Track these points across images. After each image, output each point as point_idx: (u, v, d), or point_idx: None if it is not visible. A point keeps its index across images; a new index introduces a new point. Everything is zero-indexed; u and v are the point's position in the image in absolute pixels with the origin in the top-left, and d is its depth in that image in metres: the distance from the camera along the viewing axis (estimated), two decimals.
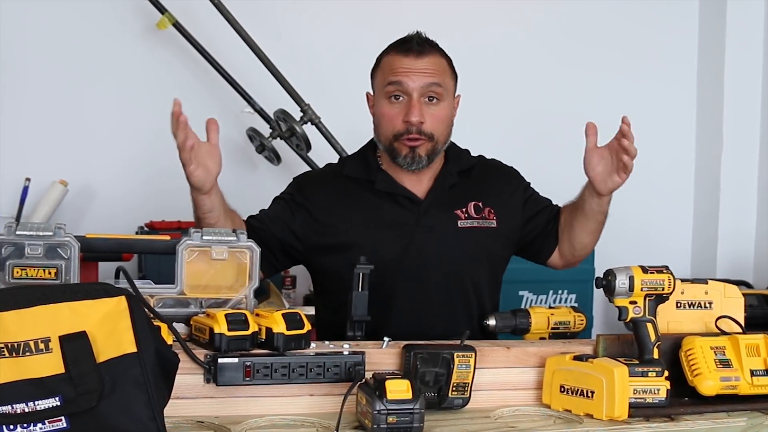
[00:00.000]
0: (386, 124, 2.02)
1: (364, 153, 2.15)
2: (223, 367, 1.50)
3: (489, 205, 2.09)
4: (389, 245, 2.00)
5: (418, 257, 2.01)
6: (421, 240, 2.02)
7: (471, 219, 2.07)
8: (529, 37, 3.67)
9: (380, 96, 2.04)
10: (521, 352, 1.71)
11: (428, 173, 2.08)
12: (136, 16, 3.19)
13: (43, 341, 1.22)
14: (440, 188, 2.08)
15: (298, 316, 1.57)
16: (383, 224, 2.03)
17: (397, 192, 2.06)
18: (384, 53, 2.07)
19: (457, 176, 2.10)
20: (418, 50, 2.00)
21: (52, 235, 1.56)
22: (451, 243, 2.04)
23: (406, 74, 1.99)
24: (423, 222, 2.04)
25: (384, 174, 2.08)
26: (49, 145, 3.14)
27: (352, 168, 2.13)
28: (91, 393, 1.21)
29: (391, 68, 2.01)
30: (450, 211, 2.06)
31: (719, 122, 3.76)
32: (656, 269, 1.67)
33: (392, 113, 2.00)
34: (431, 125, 2.00)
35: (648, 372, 1.62)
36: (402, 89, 1.99)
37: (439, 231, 2.04)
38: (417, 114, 1.97)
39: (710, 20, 3.81)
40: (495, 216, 2.09)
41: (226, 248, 1.67)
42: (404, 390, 1.42)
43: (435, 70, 2.01)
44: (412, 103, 1.98)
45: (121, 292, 1.29)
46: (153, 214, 3.06)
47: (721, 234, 3.74)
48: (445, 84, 2.03)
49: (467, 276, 2.06)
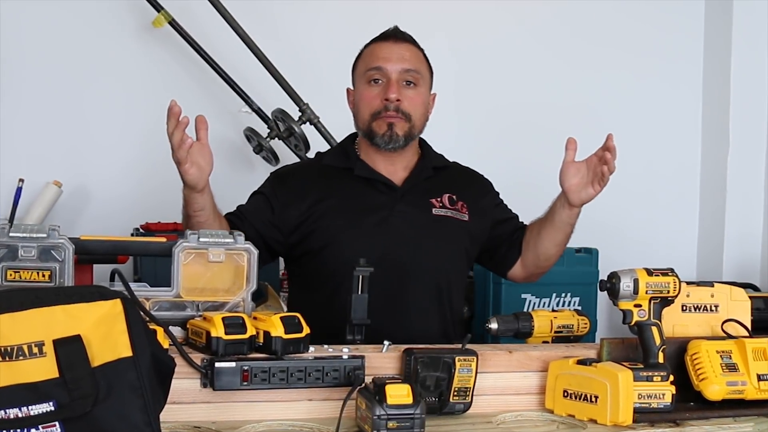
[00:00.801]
0: (365, 106, 2.14)
1: (342, 145, 2.29)
2: (220, 372, 1.50)
3: (462, 199, 2.20)
4: (367, 229, 2.09)
5: (394, 242, 2.09)
6: (397, 224, 2.11)
7: (445, 208, 2.17)
8: (532, 36, 3.67)
9: (361, 82, 2.17)
10: (524, 356, 1.71)
11: (403, 162, 2.19)
12: (131, 14, 3.19)
13: (36, 345, 1.22)
14: (416, 178, 2.19)
15: (296, 320, 1.57)
16: (362, 209, 2.12)
17: (375, 178, 2.16)
18: (365, 46, 2.21)
19: (432, 171, 2.21)
20: (396, 38, 2.16)
21: (45, 237, 1.56)
22: (425, 228, 2.13)
23: (385, 59, 2.12)
24: (399, 207, 2.13)
25: (362, 162, 2.18)
26: (43, 146, 3.13)
27: (331, 158, 2.25)
28: (85, 398, 1.21)
29: (371, 55, 2.16)
30: (425, 199, 2.16)
31: (725, 123, 3.76)
32: (661, 272, 1.67)
33: (371, 95, 2.12)
34: (409, 105, 2.11)
35: (653, 376, 1.62)
36: (381, 73, 2.12)
37: (414, 216, 2.13)
38: (395, 91, 2.09)
39: (716, 19, 3.80)
40: (467, 211, 2.19)
41: (223, 250, 1.67)
42: (405, 395, 1.42)
43: (412, 57, 2.15)
44: (390, 82, 2.10)
45: (117, 295, 1.29)
46: (149, 215, 3.06)
47: (728, 236, 3.74)
48: (422, 72, 2.15)
49: (440, 263, 2.13)
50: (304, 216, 2.11)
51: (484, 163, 2.45)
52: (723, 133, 3.77)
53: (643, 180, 3.82)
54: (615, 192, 3.71)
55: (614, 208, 3.76)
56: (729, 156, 3.75)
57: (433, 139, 2.33)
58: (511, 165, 3.42)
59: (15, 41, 3.10)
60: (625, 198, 3.77)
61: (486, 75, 3.56)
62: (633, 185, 3.80)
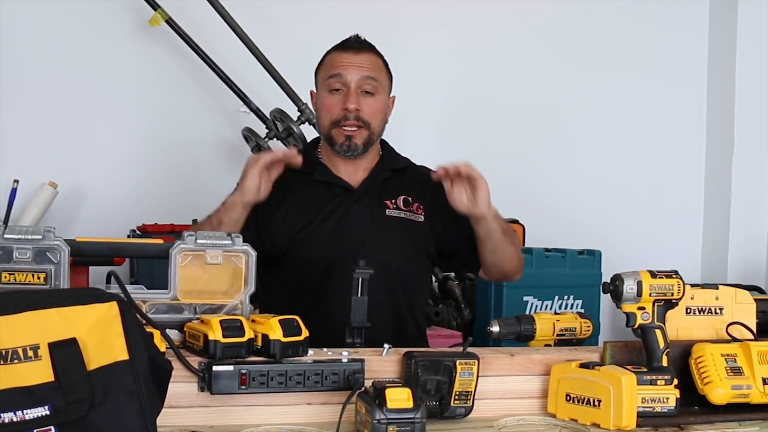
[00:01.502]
0: (325, 114, 2.23)
1: (305, 149, 2.38)
2: (218, 375, 1.50)
3: (418, 201, 2.26)
4: (324, 233, 2.17)
5: (348, 244, 2.16)
6: (352, 226, 2.19)
7: (399, 210, 2.25)
8: (534, 33, 3.67)
9: (322, 89, 2.25)
10: (526, 360, 1.71)
11: (363, 164, 2.27)
12: (127, 12, 3.19)
13: (31, 348, 1.22)
14: (373, 179, 2.26)
15: (295, 323, 1.57)
16: (319, 213, 2.19)
17: (333, 182, 2.24)
18: (326, 53, 2.29)
19: (390, 173, 2.29)
20: (356, 47, 2.24)
21: (41, 238, 1.56)
22: (378, 229, 2.20)
23: (345, 68, 2.20)
24: (354, 209, 2.21)
25: (322, 166, 2.27)
26: (38, 146, 3.14)
27: None
28: (81, 402, 1.21)
29: (332, 63, 2.24)
30: (380, 200, 2.24)
31: (730, 122, 3.76)
32: (665, 274, 1.67)
33: (332, 103, 2.21)
34: (367, 114, 2.20)
35: (657, 380, 1.62)
36: (341, 81, 2.20)
37: (367, 217, 2.21)
38: (354, 101, 2.18)
39: (721, 17, 3.81)
40: (423, 212, 2.25)
41: (221, 252, 1.67)
42: (405, 398, 1.42)
43: (371, 65, 2.22)
44: (350, 92, 2.19)
45: (113, 298, 1.29)
46: (145, 217, 3.06)
47: (732, 237, 3.74)
48: (381, 80, 2.23)
49: (393, 264, 2.17)
50: (267, 221, 2.18)
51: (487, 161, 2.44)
52: (728, 132, 3.78)
53: (647, 180, 3.82)
54: (618, 193, 3.76)
55: (617, 209, 3.78)
56: (734, 156, 3.75)
57: (432, 137, 2.33)
58: (512, 164, 3.43)
59: (10, 40, 3.11)
60: (629, 199, 3.79)
61: (487, 72, 3.57)
62: (636, 186, 3.81)
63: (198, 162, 3.25)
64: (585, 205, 3.68)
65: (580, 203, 3.67)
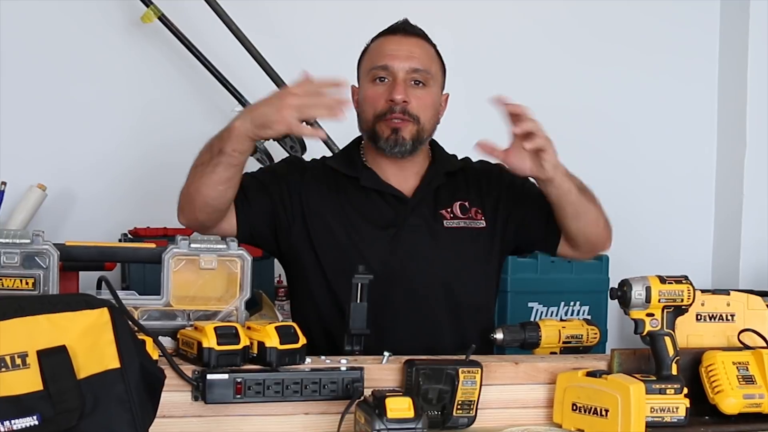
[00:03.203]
0: (368, 106, 2.06)
1: (347, 150, 2.21)
2: (213, 384, 1.50)
3: (476, 205, 2.14)
4: (377, 245, 2.04)
5: (405, 258, 2.05)
6: (408, 240, 2.07)
7: (456, 219, 2.11)
8: (542, 32, 3.67)
9: (365, 80, 2.09)
10: (530, 368, 1.71)
11: (414, 168, 2.13)
12: (119, 8, 3.19)
13: (19, 356, 1.22)
14: (427, 187, 2.12)
15: (292, 330, 1.57)
16: (371, 225, 2.07)
17: (384, 190, 2.10)
18: (371, 40, 2.14)
19: (444, 177, 2.15)
20: (404, 32, 2.09)
21: (29, 242, 1.56)
22: (436, 243, 2.08)
23: (392, 57, 2.04)
24: (410, 221, 2.08)
25: (369, 170, 2.11)
26: (27, 147, 3.14)
27: (336, 162, 2.18)
28: (71, 411, 1.21)
29: (378, 52, 2.08)
30: (436, 211, 2.11)
31: (742, 122, 3.76)
32: (675, 279, 1.67)
33: (376, 94, 2.05)
34: (417, 107, 2.04)
35: (666, 389, 1.62)
36: (387, 71, 2.04)
37: (425, 230, 2.08)
38: (401, 92, 2.01)
39: (732, 13, 3.81)
40: (483, 215, 2.13)
41: (216, 257, 1.67)
42: (406, 408, 1.42)
43: (422, 54, 2.07)
44: (397, 82, 2.03)
45: (104, 304, 1.29)
46: (137, 220, 3.06)
47: (744, 241, 3.74)
48: (433, 72, 2.08)
49: (456, 283, 2.08)
50: (312, 221, 2.06)
51: None
52: (739, 133, 3.77)
53: (656, 182, 3.82)
54: (626, 195, 3.76)
55: (625, 212, 3.76)
56: (746, 157, 3.75)
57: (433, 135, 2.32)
58: None
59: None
60: (637, 201, 3.78)
61: (490, 70, 3.56)
62: (645, 188, 3.80)
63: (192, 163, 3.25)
64: None
65: None
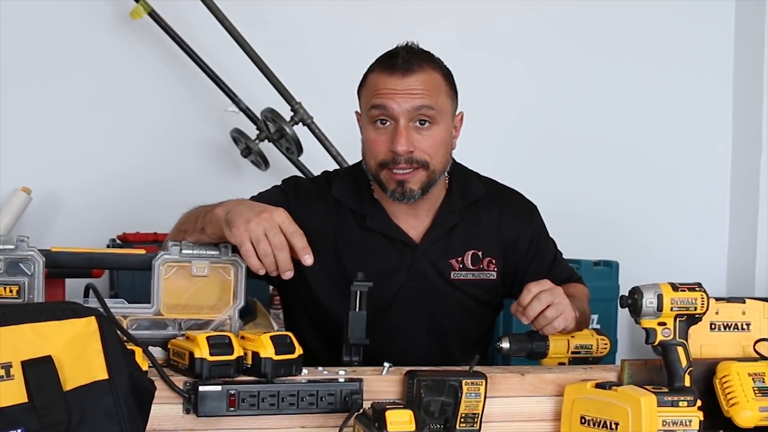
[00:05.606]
0: (371, 153, 1.99)
1: (354, 177, 2.11)
2: (205, 396, 1.50)
3: (490, 254, 2.08)
4: (377, 296, 1.87)
5: (405, 306, 2.04)
6: (410, 289, 2.04)
7: (466, 270, 2.06)
8: (550, 26, 3.66)
9: (366, 120, 1.99)
10: (537, 379, 1.71)
11: (426, 206, 2.06)
12: (106, 4, 3.20)
13: (3, 367, 1.22)
14: (438, 230, 2.06)
15: (288, 339, 1.58)
16: (372, 270, 1.87)
17: (390, 233, 2.04)
18: (369, 70, 2.02)
19: (459, 215, 2.08)
20: (404, 67, 1.94)
21: (13, 248, 1.56)
22: (440, 295, 2.05)
23: (391, 96, 1.93)
24: (415, 268, 2.04)
25: (376, 207, 2.06)
26: (10, 149, 3.14)
27: (341, 193, 2.09)
28: (57, 425, 1.21)
29: (375, 89, 1.96)
30: (445, 260, 2.06)
31: (759, 121, 3.76)
32: (688, 287, 1.67)
33: (378, 140, 1.96)
34: (424, 151, 1.95)
35: (679, 401, 1.62)
36: (387, 114, 1.94)
37: (429, 281, 2.05)
38: (404, 143, 1.92)
39: (748, 8, 3.81)
40: (496, 267, 2.09)
41: (208, 263, 1.68)
42: (407, 421, 1.42)
43: (425, 90, 1.95)
44: (398, 129, 1.93)
45: (91, 313, 1.30)
46: (126, 225, 3.06)
47: (760, 247, 3.73)
48: (439, 105, 1.97)
49: (454, 333, 2.08)
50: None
51: (491, 161, 2.44)
52: (756, 133, 3.77)
53: (668, 185, 3.82)
54: (637, 199, 3.76)
55: (636, 216, 3.78)
56: (762, 159, 3.75)
57: None
58: (517, 165, 3.42)
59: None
60: (648, 205, 3.79)
61: (497, 68, 3.57)
62: (657, 191, 3.80)
63: (183, 166, 3.25)
64: (601, 212, 3.67)
65: (595, 210, 3.67)
